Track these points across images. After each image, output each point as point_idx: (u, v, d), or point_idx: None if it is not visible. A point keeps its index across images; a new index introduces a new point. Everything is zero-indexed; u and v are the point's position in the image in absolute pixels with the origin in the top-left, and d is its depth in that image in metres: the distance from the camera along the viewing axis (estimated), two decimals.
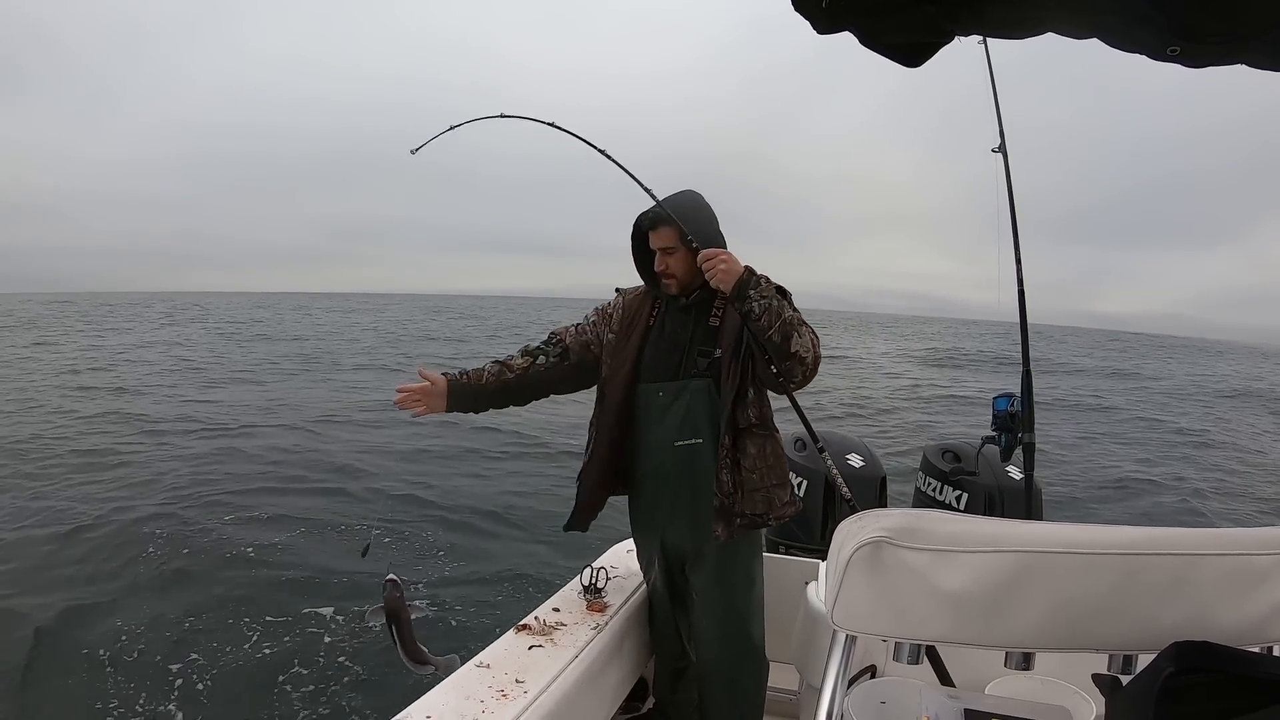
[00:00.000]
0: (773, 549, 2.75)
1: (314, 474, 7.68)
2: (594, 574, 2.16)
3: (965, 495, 2.86)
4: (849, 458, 2.93)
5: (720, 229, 1.99)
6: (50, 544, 5.50)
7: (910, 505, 3.23)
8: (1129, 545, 0.84)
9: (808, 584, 2.05)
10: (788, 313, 1.82)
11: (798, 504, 2.09)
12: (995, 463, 2.78)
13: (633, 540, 2.28)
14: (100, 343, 24.38)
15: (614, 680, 2.03)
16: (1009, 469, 2.77)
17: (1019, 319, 2.51)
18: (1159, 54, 0.76)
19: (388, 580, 1.73)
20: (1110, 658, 0.88)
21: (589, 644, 1.87)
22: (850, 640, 0.92)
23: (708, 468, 1.95)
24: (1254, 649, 0.82)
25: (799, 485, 2.87)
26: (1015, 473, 2.73)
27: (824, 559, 2.12)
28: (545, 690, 1.63)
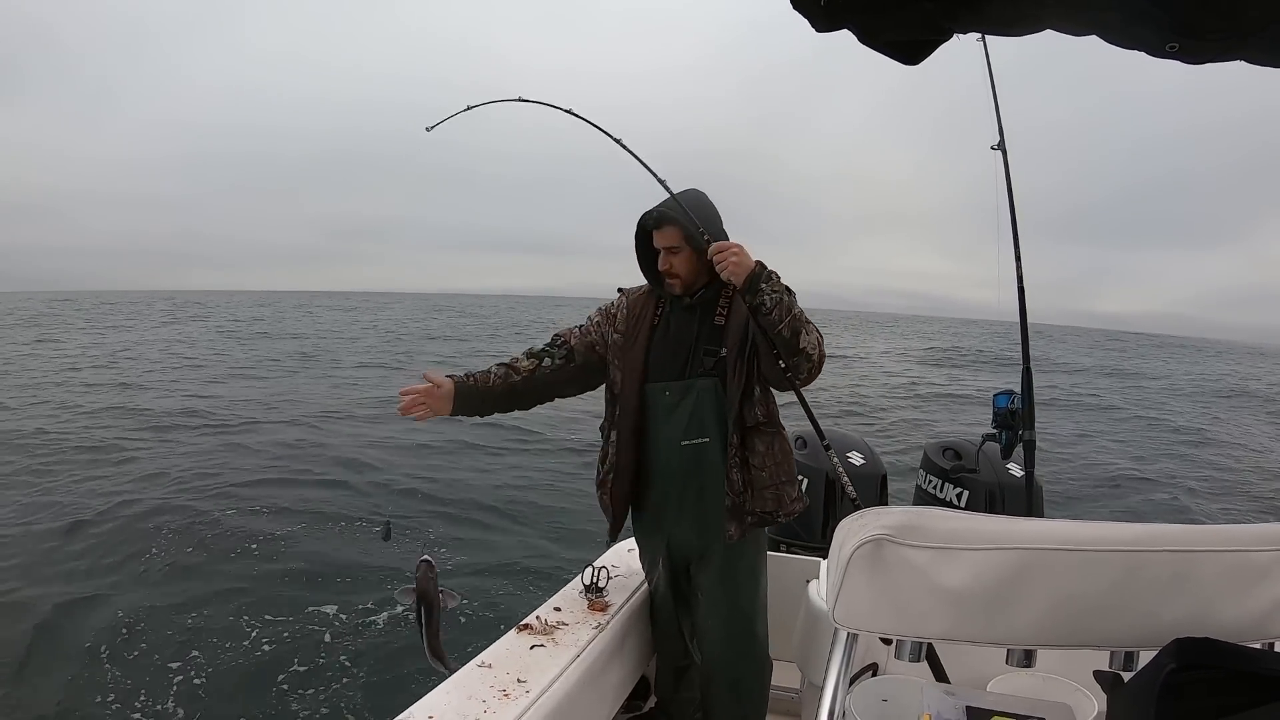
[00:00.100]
0: (774, 547, 2.75)
1: (317, 469, 7.69)
2: (595, 573, 2.15)
3: (966, 493, 2.86)
4: (850, 455, 2.93)
5: (724, 227, 1.98)
6: (53, 538, 5.51)
7: (911, 503, 3.23)
8: (1129, 542, 0.84)
9: (809, 582, 2.06)
10: (797, 308, 1.82)
11: (805, 500, 2.09)
12: (996, 460, 2.78)
13: (634, 539, 2.27)
14: (102, 340, 24.44)
15: (616, 679, 2.03)
16: (1009, 466, 2.77)
17: (1019, 317, 2.51)
18: (1158, 50, 0.76)
19: (422, 560, 1.69)
20: (1112, 654, 0.88)
21: (590, 643, 1.87)
22: (852, 638, 0.92)
23: (715, 466, 1.95)
24: (1255, 645, 0.82)
25: (801, 483, 2.87)
26: (1016, 470, 2.73)
27: (825, 557, 2.12)
28: (547, 690, 1.63)
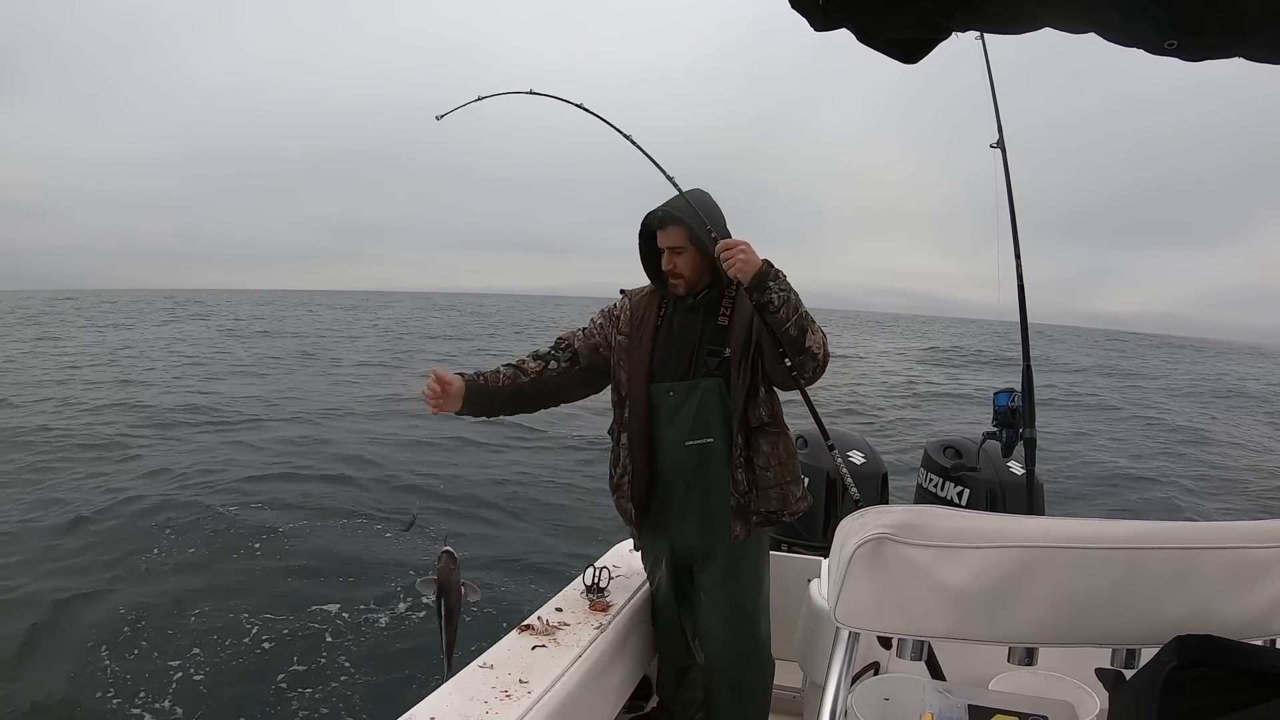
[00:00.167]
0: (775, 546, 2.75)
1: (320, 465, 7.71)
2: (596, 573, 2.15)
3: (967, 491, 2.86)
4: (850, 454, 2.93)
5: (728, 227, 1.98)
6: (55, 534, 5.52)
7: (912, 501, 3.23)
8: (1130, 539, 0.84)
9: (810, 581, 2.06)
10: (803, 307, 1.82)
11: (809, 500, 2.09)
12: (997, 458, 2.78)
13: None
14: (103, 338, 24.52)
15: (618, 679, 2.03)
16: (1010, 464, 2.77)
17: (1019, 314, 2.51)
18: (1156, 48, 0.76)
19: (444, 551, 1.66)
20: (1113, 652, 0.88)
21: (592, 643, 1.87)
22: (853, 637, 0.92)
23: (720, 466, 1.95)
24: (1257, 642, 0.82)
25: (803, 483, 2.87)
26: (1016, 468, 2.73)
27: (826, 556, 2.12)
28: (549, 690, 1.63)
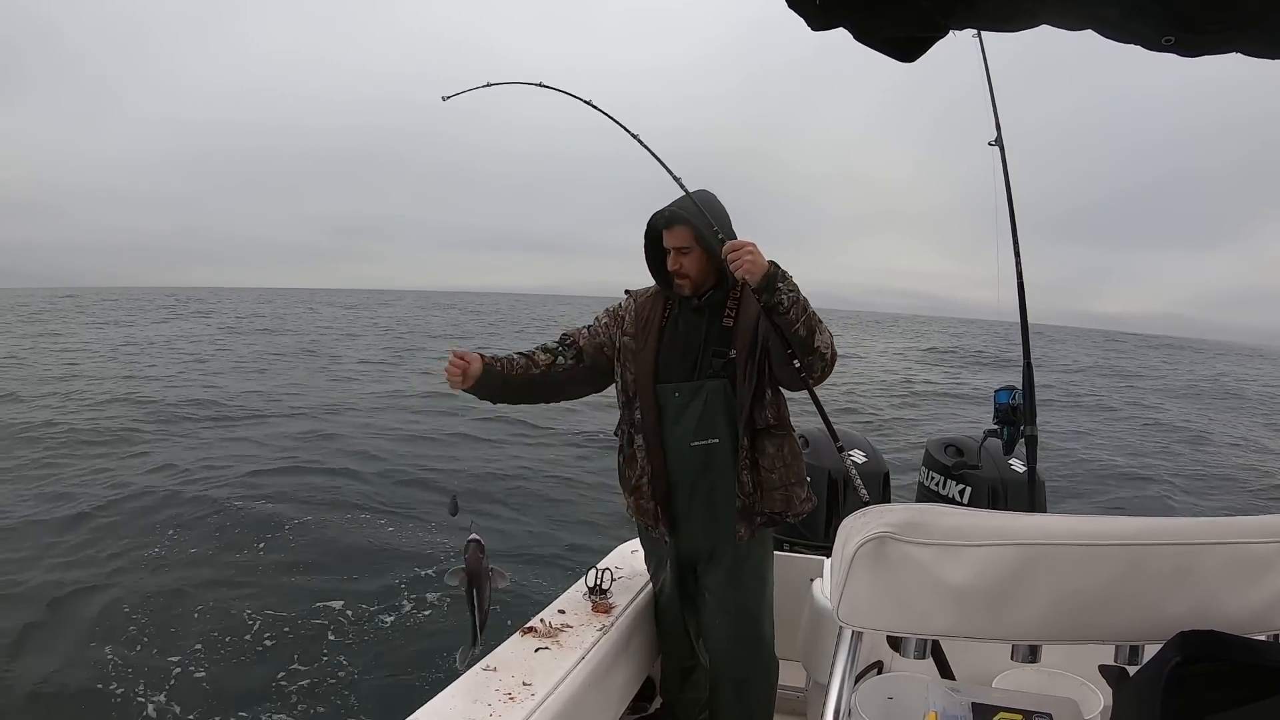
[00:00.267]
0: (778, 546, 2.75)
1: (324, 460, 7.73)
2: (599, 575, 2.15)
3: (968, 489, 2.86)
4: (852, 453, 2.92)
5: (734, 228, 1.98)
6: (59, 527, 5.53)
7: (914, 500, 3.22)
8: (1132, 536, 0.84)
9: (813, 581, 2.06)
10: (811, 307, 1.82)
11: (814, 501, 2.09)
12: (998, 456, 2.77)
13: (639, 540, 2.27)
14: (106, 335, 24.65)
15: (621, 681, 2.03)
16: (1012, 462, 2.76)
17: (1019, 311, 2.50)
18: (1154, 44, 0.76)
19: (470, 540, 1.65)
20: (1116, 649, 0.88)
21: (595, 645, 1.87)
22: (856, 636, 0.92)
23: (725, 467, 1.95)
24: (1260, 637, 0.82)
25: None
26: (1018, 466, 2.72)
27: (829, 555, 2.12)
28: (552, 692, 1.63)
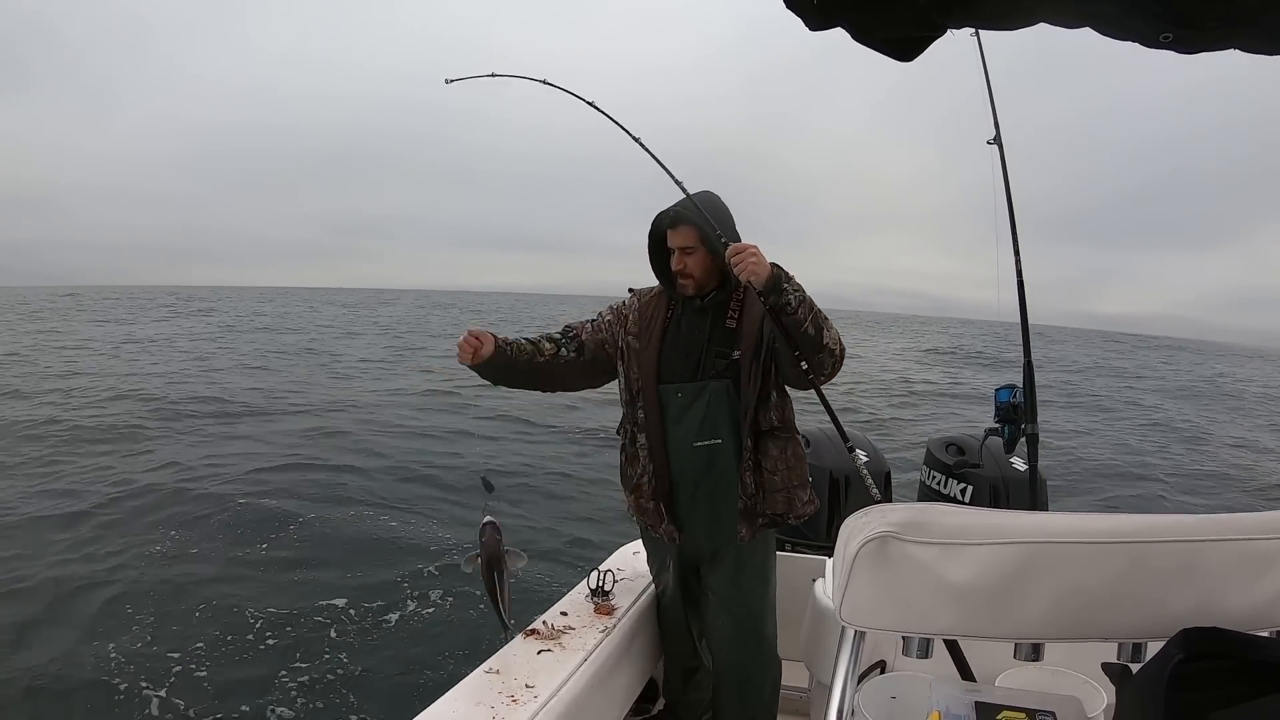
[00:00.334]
0: (780, 547, 2.75)
1: (326, 457, 7.73)
2: (601, 576, 2.15)
3: (970, 488, 2.85)
4: (854, 453, 2.92)
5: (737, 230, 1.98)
6: (61, 523, 5.52)
7: (915, 499, 3.22)
8: (1134, 533, 0.84)
9: (815, 581, 2.05)
10: (817, 304, 1.82)
11: (816, 504, 2.08)
12: (999, 454, 2.77)
13: (641, 542, 2.27)
14: (108, 333, 24.72)
15: (624, 682, 2.03)
16: (1013, 460, 2.76)
17: (1019, 309, 2.50)
18: (1152, 41, 0.76)
19: (486, 523, 1.66)
20: (1120, 646, 0.88)
21: (598, 647, 1.87)
22: (859, 636, 0.92)
23: (727, 468, 1.95)
24: (1263, 633, 0.82)
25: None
26: (1019, 464, 2.72)
27: (830, 555, 2.12)
28: (555, 694, 1.63)
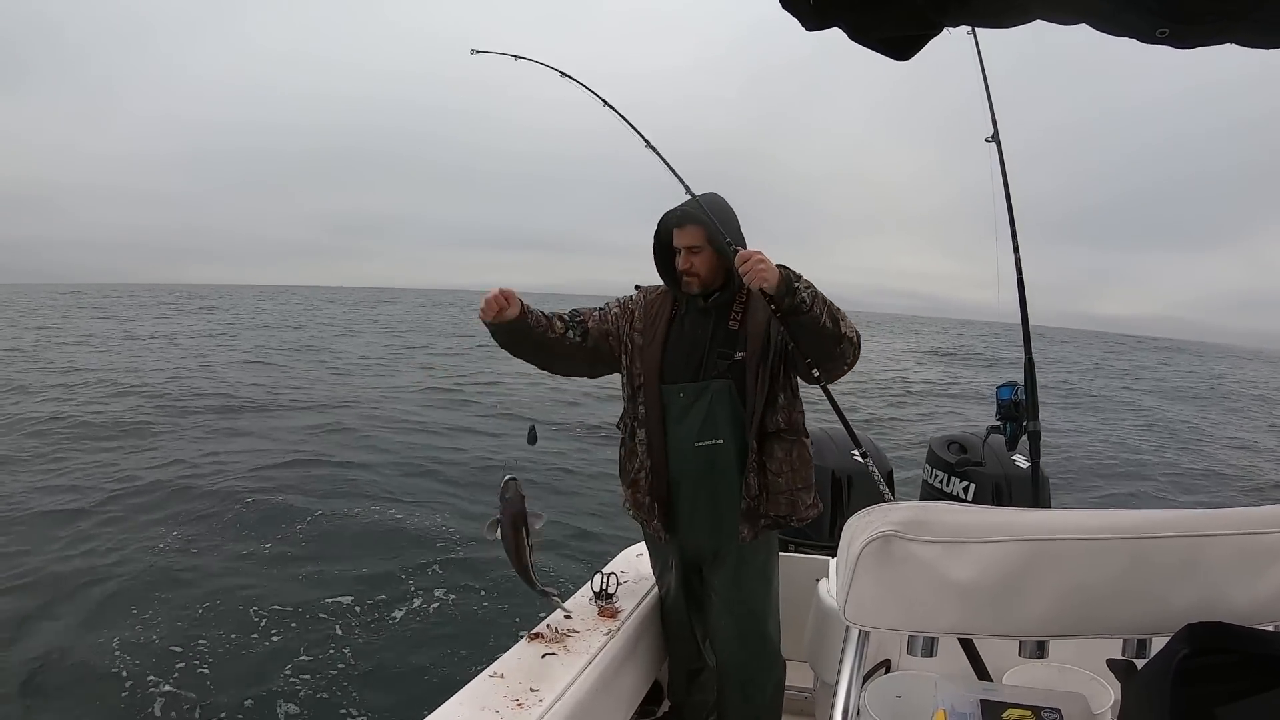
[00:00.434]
0: (783, 547, 2.75)
1: (330, 454, 7.74)
2: (604, 579, 2.15)
3: (972, 486, 2.85)
4: (853, 452, 2.92)
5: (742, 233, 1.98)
6: (65, 518, 5.53)
7: (917, 498, 3.22)
8: (1137, 529, 0.84)
9: (818, 581, 2.05)
10: (828, 297, 1.82)
11: (820, 507, 2.08)
12: (1001, 452, 2.77)
13: (644, 543, 2.27)
14: (110, 330, 24.84)
15: (629, 685, 2.03)
16: (1015, 458, 2.75)
17: (1019, 307, 2.50)
18: (1148, 36, 0.76)
19: (509, 479, 1.66)
20: (1124, 642, 0.88)
21: (602, 649, 1.87)
22: (863, 635, 0.92)
23: (729, 468, 1.95)
24: (1268, 628, 0.81)
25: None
26: (1021, 461, 2.72)
27: (834, 555, 2.12)
28: (560, 698, 1.63)
